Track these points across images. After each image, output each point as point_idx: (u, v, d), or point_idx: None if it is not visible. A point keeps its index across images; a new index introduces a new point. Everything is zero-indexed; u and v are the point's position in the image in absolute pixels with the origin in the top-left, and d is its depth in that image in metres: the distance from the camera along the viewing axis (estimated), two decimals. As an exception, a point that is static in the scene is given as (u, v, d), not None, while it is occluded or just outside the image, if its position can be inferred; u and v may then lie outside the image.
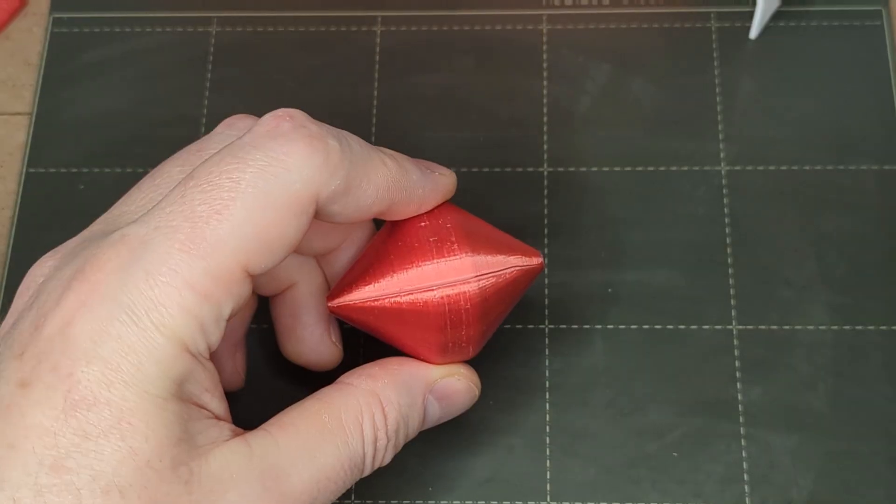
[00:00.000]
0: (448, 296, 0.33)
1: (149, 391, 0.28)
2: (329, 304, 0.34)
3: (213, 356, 0.36)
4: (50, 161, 0.43)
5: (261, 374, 0.39)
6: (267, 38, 0.45)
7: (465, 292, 0.33)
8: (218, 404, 0.30)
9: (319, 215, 0.31)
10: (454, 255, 0.33)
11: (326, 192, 0.30)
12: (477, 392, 0.35)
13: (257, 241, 0.29)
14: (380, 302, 0.33)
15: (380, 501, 0.37)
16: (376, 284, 0.33)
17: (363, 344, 0.39)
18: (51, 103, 0.44)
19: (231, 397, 0.37)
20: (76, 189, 0.42)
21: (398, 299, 0.33)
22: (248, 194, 0.29)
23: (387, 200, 0.32)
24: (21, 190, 0.42)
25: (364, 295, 0.33)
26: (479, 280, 0.33)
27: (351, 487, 0.37)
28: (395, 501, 0.37)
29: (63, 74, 0.44)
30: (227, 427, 0.30)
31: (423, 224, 0.34)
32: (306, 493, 0.30)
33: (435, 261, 0.33)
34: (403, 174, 0.33)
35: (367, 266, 0.33)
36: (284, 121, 0.31)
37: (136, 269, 0.28)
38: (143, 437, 0.28)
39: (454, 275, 0.33)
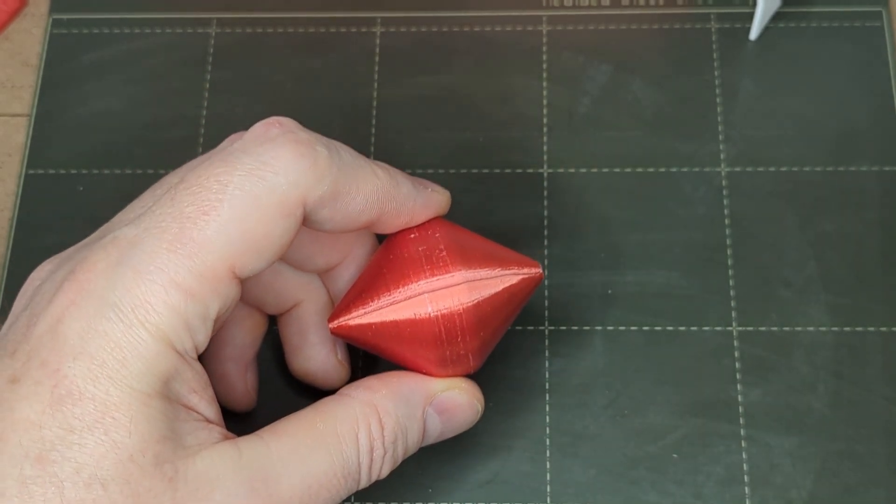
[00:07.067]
0: (441, 311, 0.33)
1: (133, 387, 0.28)
2: (329, 326, 0.34)
3: (225, 377, 0.37)
4: (49, 162, 0.43)
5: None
6: (266, 39, 0.45)
7: (457, 307, 0.33)
8: (207, 407, 0.30)
9: (308, 222, 0.32)
10: (445, 268, 0.33)
11: (314, 196, 0.31)
12: (480, 408, 0.35)
13: (244, 242, 0.30)
14: (376, 321, 0.33)
15: (379, 503, 0.37)
16: (371, 304, 0.33)
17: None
18: (50, 104, 0.44)
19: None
20: (75, 190, 0.42)
21: (393, 317, 0.33)
22: (235, 196, 0.30)
23: (376, 210, 0.33)
24: (20, 191, 0.42)
25: (360, 315, 0.33)
26: (471, 293, 0.33)
27: (351, 489, 0.37)
28: (395, 503, 0.37)
29: (62, 76, 0.44)
30: (217, 430, 0.30)
31: (412, 236, 0.34)
32: (296, 498, 0.30)
33: (427, 276, 0.33)
34: (394, 185, 0.33)
35: (363, 286, 0.34)
36: (274, 127, 0.32)
37: (125, 268, 0.29)
38: (127, 431, 0.28)
39: (446, 289, 0.33)
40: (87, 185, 0.42)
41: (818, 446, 0.37)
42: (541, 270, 0.34)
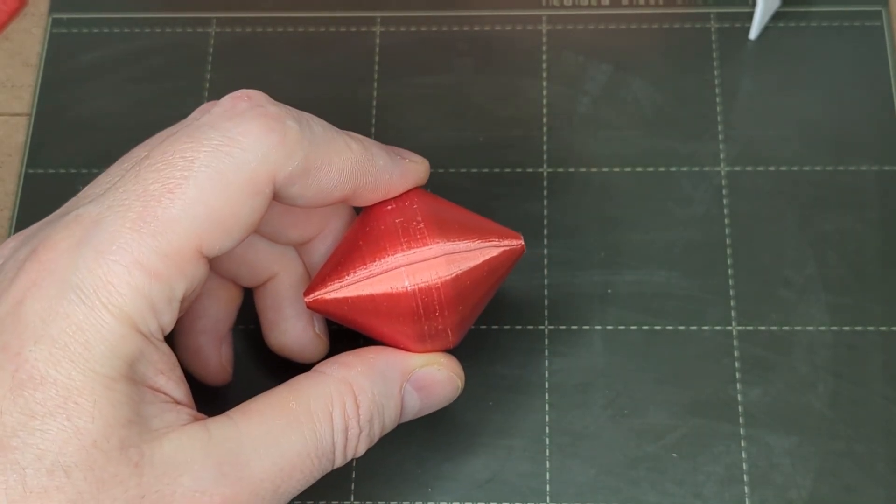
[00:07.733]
0: (418, 285, 0.32)
1: (96, 370, 0.28)
2: (305, 300, 0.33)
3: (199, 350, 0.36)
4: (49, 162, 0.43)
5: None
6: (266, 39, 0.45)
7: (435, 280, 0.32)
8: (175, 388, 0.30)
9: (279, 198, 0.31)
10: (423, 241, 0.32)
11: (284, 172, 0.30)
12: (459, 384, 0.35)
13: (210, 221, 0.29)
14: (352, 295, 0.32)
15: (379, 502, 0.37)
16: (347, 278, 0.32)
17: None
18: (50, 104, 0.44)
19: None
20: (75, 190, 0.41)
21: (369, 291, 0.32)
22: (201, 173, 0.29)
23: (350, 184, 0.32)
24: (20, 191, 0.42)
25: (336, 289, 0.33)
26: (449, 266, 0.32)
27: (350, 488, 0.37)
28: (395, 502, 0.37)
29: (62, 75, 0.44)
30: (185, 411, 0.30)
31: (389, 207, 0.33)
32: (268, 480, 0.30)
33: (403, 248, 0.32)
34: (369, 158, 0.32)
35: (339, 259, 0.33)
36: (242, 101, 0.31)
37: (87, 249, 0.28)
38: (90, 416, 0.27)
39: (423, 262, 0.32)
40: (86, 184, 0.42)
41: (818, 446, 0.38)
42: (522, 242, 0.34)
